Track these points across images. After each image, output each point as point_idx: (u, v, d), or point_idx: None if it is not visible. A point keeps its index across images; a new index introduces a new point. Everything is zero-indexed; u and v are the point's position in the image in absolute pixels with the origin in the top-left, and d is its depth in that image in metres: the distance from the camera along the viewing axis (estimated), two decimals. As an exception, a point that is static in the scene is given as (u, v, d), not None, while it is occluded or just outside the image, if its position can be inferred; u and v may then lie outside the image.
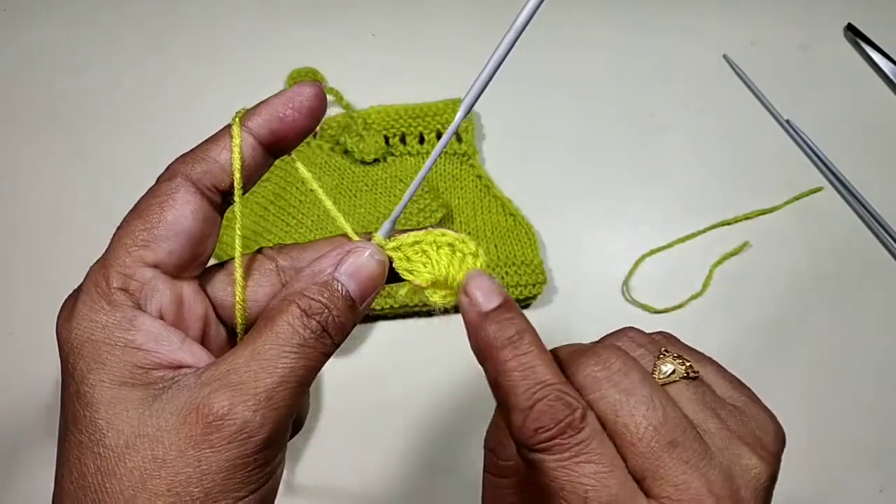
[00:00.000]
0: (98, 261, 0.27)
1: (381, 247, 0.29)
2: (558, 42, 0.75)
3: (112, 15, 0.76)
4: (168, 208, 0.27)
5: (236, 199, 0.28)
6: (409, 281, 0.29)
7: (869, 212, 0.65)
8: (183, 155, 0.29)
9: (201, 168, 0.28)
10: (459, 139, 0.66)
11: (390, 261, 0.29)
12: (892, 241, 0.64)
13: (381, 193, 0.62)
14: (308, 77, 0.70)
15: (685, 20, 0.76)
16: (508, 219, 0.63)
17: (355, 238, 0.30)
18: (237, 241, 0.29)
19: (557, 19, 0.76)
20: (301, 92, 0.29)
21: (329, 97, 0.69)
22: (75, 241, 0.64)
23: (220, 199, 0.29)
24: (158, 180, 0.28)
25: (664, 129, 0.70)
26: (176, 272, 0.28)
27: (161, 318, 0.27)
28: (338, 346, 0.27)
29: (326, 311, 0.27)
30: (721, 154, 0.69)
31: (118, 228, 0.28)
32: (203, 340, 0.28)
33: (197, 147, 0.29)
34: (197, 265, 0.29)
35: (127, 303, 0.26)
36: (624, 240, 0.64)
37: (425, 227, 0.30)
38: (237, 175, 0.28)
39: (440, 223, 0.62)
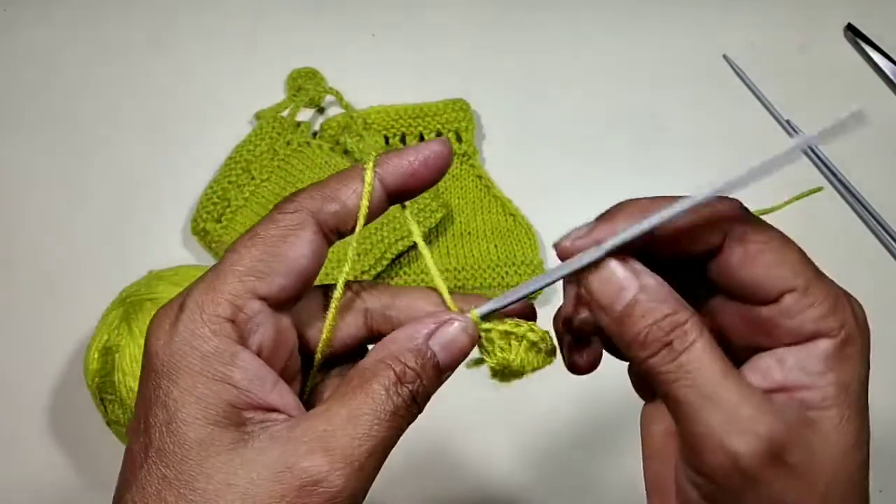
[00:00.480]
0: (204, 281, 0.27)
1: (476, 324, 0.29)
2: (558, 42, 0.75)
3: (112, 15, 0.76)
4: (290, 243, 0.27)
5: (354, 240, 0.29)
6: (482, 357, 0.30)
7: (869, 212, 0.65)
8: (310, 189, 0.28)
9: (330, 209, 0.28)
10: (459, 139, 0.66)
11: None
12: (892, 241, 0.63)
13: (381, 193, 0.62)
14: (308, 77, 0.70)
15: (685, 20, 0.76)
16: (508, 219, 0.63)
17: (453, 308, 0.30)
18: (341, 282, 0.29)
19: (557, 20, 0.76)
20: (434, 150, 0.29)
21: (329, 97, 0.69)
22: (75, 241, 0.64)
23: (335, 239, 0.29)
24: (281, 210, 0.27)
25: (664, 130, 0.70)
26: (280, 307, 0.27)
27: (259, 353, 0.26)
28: (420, 413, 0.28)
29: (418, 380, 0.27)
30: (721, 154, 0.69)
31: (230, 252, 0.27)
32: (283, 371, 0.28)
33: (326, 185, 0.28)
34: (296, 301, 0.28)
35: (231, 335, 0.25)
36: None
37: (514, 318, 0.30)
38: (361, 221, 0.28)
39: (439, 223, 0.62)
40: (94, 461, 0.56)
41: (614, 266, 0.28)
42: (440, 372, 0.28)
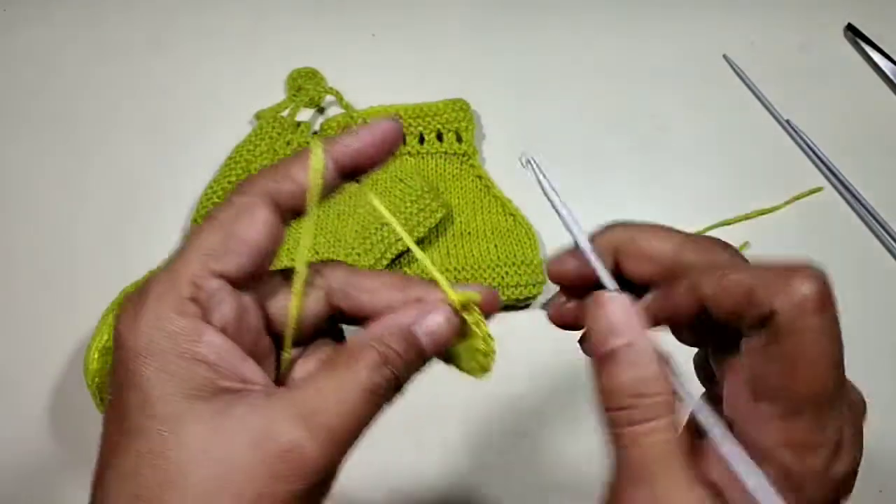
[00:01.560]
0: (167, 266, 0.27)
1: (457, 308, 0.30)
2: (558, 42, 0.75)
3: (112, 15, 0.76)
4: (245, 222, 0.27)
5: (309, 218, 0.29)
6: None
7: (869, 212, 0.65)
8: (264, 171, 0.29)
9: (284, 187, 0.28)
10: (459, 139, 0.66)
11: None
12: (892, 241, 0.64)
13: (380, 193, 0.62)
14: (308, 77, 0.70)
15: (685, 20, 0.76)
16: (508, 219, 0.63)
17: (452, 296, 0.30)
18: (303, 257, 0.29)
19: (558, 20, 0.76)
20: (383, 128, 0.30)
21: (329, 97, 0.69)
22: (75, 241, 0.64)
23: (290, 218, 0.29)
24: (237, 192, 0.28)
25: (664, 130, 0.70)
26: (239, 285, 0.28)
27: (224, 331, 0.27)
28: (399, 395, 0.28)
29: (401, 362, 0.28)
30: (721, 154, 0.69)
31: (191, 236, 0.28)
32: (252, 352, 0.28)
33: (278, 165, 0.29)
34: (256, 279, 0.29)
35: (196, 314, 0.26)
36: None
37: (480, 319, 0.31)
38: (313, 197, 0.28)
39: (439, 223, 0.62)
40: (94, 461, 0.56)
41: (617, 308, 0.27)
42: (423, 358, 0.29)
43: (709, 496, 0.25)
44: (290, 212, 0.29)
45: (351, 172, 0.30)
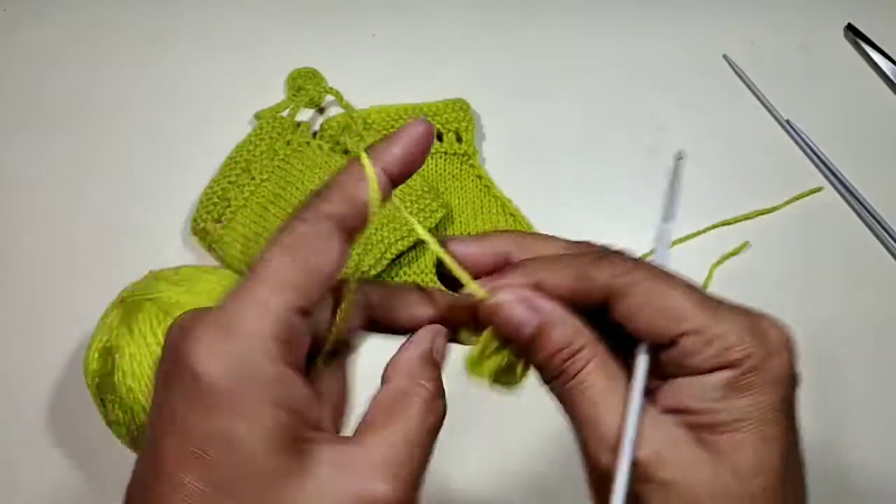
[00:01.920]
0: (244, 296, 0.25)
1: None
2: (558, 42, 0.75)
3: (112, 15, 0.76)
4: (323, 254, 0.27)
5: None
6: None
7: (869, 212, 0.65)
8: (322, 194, 0.28)
9: (347, 211, 0.28)
10: (459, 139, 0.66)
11: None
12: (892, 241, 0.64)
13: (381, 193, 0.62)
14: (308, 77, 0.70)
15: (685, 20, 0.76)
16: (508, 219, 0.63)
17: (479, 292, 0.30)
18: (352, 271, 0.30)
19: (558, 20, 0.76)
20: (420, 131, 0.30)
21: (329, 97, 0.69)
22: (75, 241, 0.64)
23: (355, 238, 0.29)
24: (302, 219, 0.27)
25: (664, 130, 0.70)
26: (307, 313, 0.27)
27: (298, 367, 0.26)
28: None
29: (439, 388, 0.29)
30: (721, 154, 0.69)
31: (263, 264, 0.26)
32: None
33: (335, 187, 0.28)
34: None
35: (284, 356, 0.25)
36: (623, 240, 0.64)
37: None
38: (373, 213, 0.28)
39: (439, 223, 0.62)
40: (94, 461, 0.56)
41: (514, 306, 0.29)
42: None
43: (648, 417, 0.27)
44: (355, 233, 0.28)
45: (398, 180, 0.30)
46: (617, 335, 0.30)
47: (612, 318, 0.29)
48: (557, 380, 0.29)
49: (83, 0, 0.77)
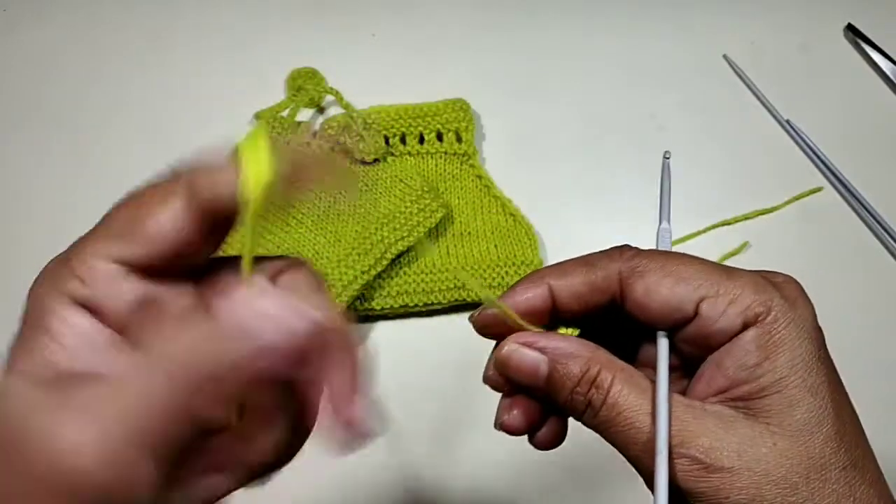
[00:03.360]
0: (77, 241, 0.27)
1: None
2: (558, 42, 0.75)
3: (112, 15, 0.76)
4: (156, 212, 0.27)
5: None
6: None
7: (869, 212, 0.65)
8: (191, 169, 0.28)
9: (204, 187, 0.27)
10: (459, 139, 0.66)
11: None
12: (892, 241, 0.64)
13: (381, 193, 0.62)
14: (308, 77, 0.69)
15: (685, 20, 0.76)
16: (508, 219, 0.63)
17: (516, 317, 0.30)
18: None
19: (558, 20, 0.76)
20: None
21: (329, 97, 0.69)
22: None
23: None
24: (159, 179, 0.27)
25: (664, 130, 0.70)
26: (150, 274, 0.26)
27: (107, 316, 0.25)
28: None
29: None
30: (721, 154, 0.69)
31: (106, 215, 0.27)
32: None
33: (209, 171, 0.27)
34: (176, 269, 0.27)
35: (74, 293, 0.26)
36: (624, 240, 0.64)
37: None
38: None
39: (439, 223, 0.62)
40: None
41: (522, 352, 0.29)
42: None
43: (689, 411, 0.27)
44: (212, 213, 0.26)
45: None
46: (632, 349, 0.30)
47: (627, 309, 0.29)
48: (588, 412, 0.28)
49: (83, 0, 0.77)
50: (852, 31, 0.74)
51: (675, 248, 0.67)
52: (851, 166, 0.67)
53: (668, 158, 0.35)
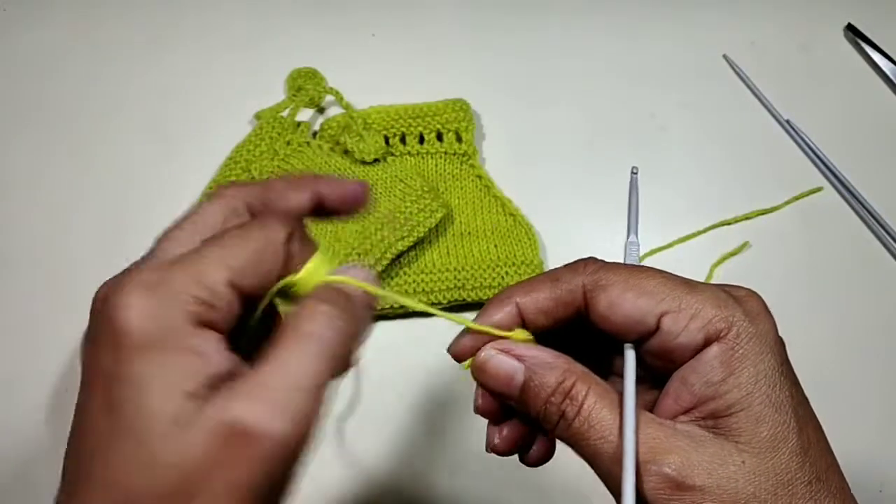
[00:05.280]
0: (181, 262, 0.27)
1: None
2: (558, 42, 0.75)
3: (112, 15, 0.76)
4: (270, 252, 0.28)
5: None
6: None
7: (869, 212, 0.65)
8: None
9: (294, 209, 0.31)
10: (459, 139, 0.66)
11: None
12: (892, 241, 0.64)
13: (381, 193, 0.62)
14: (308, 77, 0.69)
15: (685, 20, 0.76)
16: (508, 219, 0.63)
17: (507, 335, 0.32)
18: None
19: (558, 20, 0.76)
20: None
21: (329, 97, 0.69)
22: (75, 241, 0.64)
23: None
24: (263, 217, 0.29)
25: (664, 129, 0.70)
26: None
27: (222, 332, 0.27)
28: (354, 354, 0.29)
29: (345, 318, 0.28)
30: (721, 154, 0.69)
31: (214, 245, 0.28)
32: None
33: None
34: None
35: (201, 314, 0.26)
36: (624, 240, 0.64)
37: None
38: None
39: (439, 223, 0.62)
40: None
41: (499, 359, 0.30)
42: (367, 310, 0.28)
43: (661, 430, 0.27)
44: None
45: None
46: (606, 359, 0.30)
47: (592, 321, 0.30)
48: (560, 424, 0.28)
49: (83, 0, 0.77)
50: (852, 31, 0.74)
51: (675, 247, 0.67)
52: (851, 166, 0.67)
53: (635, 174, 0.35)
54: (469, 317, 0.33)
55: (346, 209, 0.32)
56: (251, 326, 0.29)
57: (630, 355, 0.29)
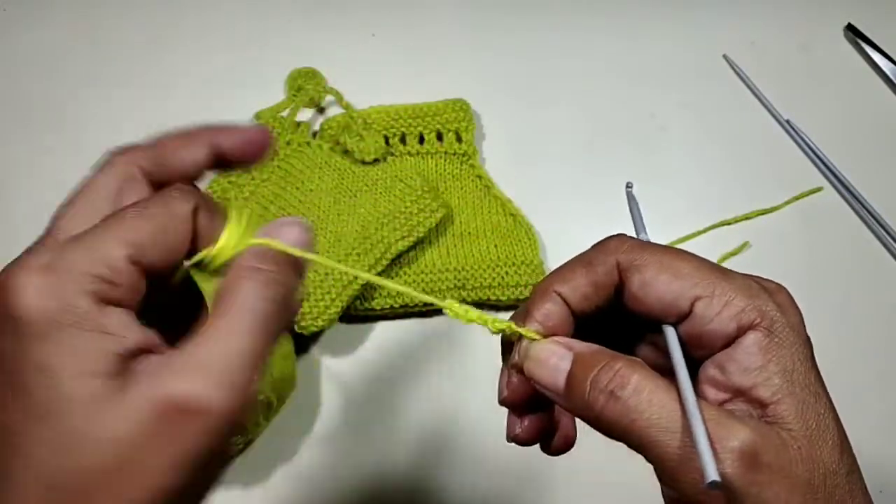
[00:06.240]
0: (77, 242, 0.27)
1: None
2: (558, 42, 0.75)
3: (112, 15, 0.76)
4: (177, 226, 0.28)
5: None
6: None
7: (869, 212, 0.65)
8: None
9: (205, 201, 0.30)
10: (459, 139, 0.66)
11: None
12: (892, 241, 0.64)
13: (381, 193, 0.62)
14: (308, 77, 0.69)
15: (685, 20, 0.76)
16: (508, 219, 0.63)
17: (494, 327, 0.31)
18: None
19: (558, 20, 0.76)
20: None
21: (329, 97, 0.69)
22: (75, 241, 0.64)
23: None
24: (172, 190, 0.29)
25: (664, 129, 0.70)
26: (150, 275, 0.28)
27: (129, 307, 0.26)
28: (291, 318, 0.29)
29: (278, 280, 0.27)
30: (721, 154, 0.69)
31: (113, 220, 0.28)
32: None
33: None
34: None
35: (104, 293, 0.25)
36: (624, 240, 0.64)
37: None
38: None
39: (439, 223, 0.62)
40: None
41: (547, 346, 0.29)
42: (298, 269, 0.28)
43: (720, 411, 0.26)
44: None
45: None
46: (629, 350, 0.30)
47: (624, 301, 0.29)
48: (605, 411, 0.27)
49: (83, 0, 0.77)
50: (852, 31, 0.74)
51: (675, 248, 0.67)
52: (851, 166, 0.67)
53: (630, 188, 0.35)
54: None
55: (248, 157, 0.31)
56: (168, 303, 0.28)
57: (671, 333, 0.28)
